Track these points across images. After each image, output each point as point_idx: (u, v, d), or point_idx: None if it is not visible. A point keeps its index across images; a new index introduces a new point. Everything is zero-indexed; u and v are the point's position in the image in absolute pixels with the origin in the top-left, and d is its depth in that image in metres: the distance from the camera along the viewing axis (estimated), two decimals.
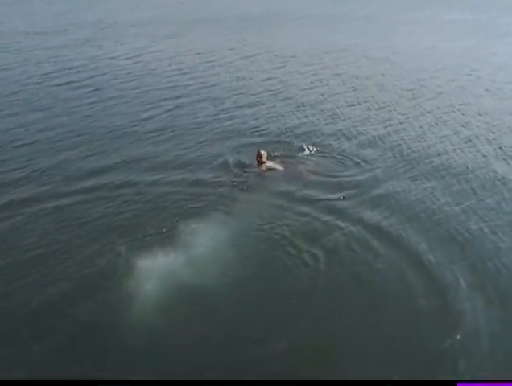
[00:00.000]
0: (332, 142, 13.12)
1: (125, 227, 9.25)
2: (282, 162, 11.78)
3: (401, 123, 14.59)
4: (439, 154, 12.45)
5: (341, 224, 9.44)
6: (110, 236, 8.99)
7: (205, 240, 8.75)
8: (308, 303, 7.59)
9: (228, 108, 15.66)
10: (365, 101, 16.51)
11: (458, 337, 6.93)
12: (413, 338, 7.04)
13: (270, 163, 11.56)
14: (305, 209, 9.95)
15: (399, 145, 13.05)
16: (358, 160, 12.12)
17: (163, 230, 9.07)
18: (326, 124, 14.46)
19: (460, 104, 16.11)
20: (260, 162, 11.46)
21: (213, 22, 30.45)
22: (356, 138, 13.43)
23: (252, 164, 11.57)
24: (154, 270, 7.93)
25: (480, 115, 15.19)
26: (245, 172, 11.43)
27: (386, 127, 14.27)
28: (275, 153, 12.16)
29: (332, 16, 32.24)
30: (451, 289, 7.81)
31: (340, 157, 12.28)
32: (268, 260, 8.52)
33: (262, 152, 11.57)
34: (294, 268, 8.28)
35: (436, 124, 14.49)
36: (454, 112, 15.50)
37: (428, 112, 15.48)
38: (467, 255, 8.68)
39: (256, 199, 10.46)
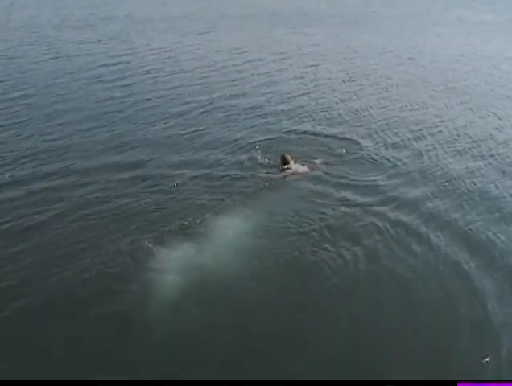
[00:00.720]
0: (365, 143, 12.96)
1: (148, 220, 9.32)
2: (311, 164, 11.64)
3: (436, 126, 14.37)
4: (475, 172, 11.93)
5: (370, 225, 9.38)
6: (131, 227, 9.05)
7: (228, 235, 8.80)
8: (332, 300, 7.58)
9: (259, 107, 15.56)
10: (399, 104, 16.24)
11: (498, 349, 6.81)
12: (451, 348, 6.91)
13: (296, 166, 11.36)
14: (330, 209, 9.87)
15: (435, 148, 12.86)
16: (390, 162, 11.97)
17: (186, 223, 9.12)
18: (359, 125, 14.31)
19: (494, 107, 15.86)
20: (285, 168, 11.26)
21: (243, 18, 30.41)
22: (390, 140, 13.27)
23: (279, 165, 11.42)
24: (176, 263, 7.97)
25: None
26: (272, 172, 11.31)
27: (421, 129, 14.07)
28: (302, 151, 12.07)
29: (362, 15, 31.92)
30: (493, 299, 7.67)
31: (372, 158, 12.15)
32: (291, 257, 8.48)
33: (288, 157, 11.33)
34: (318, 265, 8.22)
35: (471, 130, 14.18)
36: (489, 115, 15.27)
37: (463, 116, 15.24)
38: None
39: (280, 198, 10.42)
